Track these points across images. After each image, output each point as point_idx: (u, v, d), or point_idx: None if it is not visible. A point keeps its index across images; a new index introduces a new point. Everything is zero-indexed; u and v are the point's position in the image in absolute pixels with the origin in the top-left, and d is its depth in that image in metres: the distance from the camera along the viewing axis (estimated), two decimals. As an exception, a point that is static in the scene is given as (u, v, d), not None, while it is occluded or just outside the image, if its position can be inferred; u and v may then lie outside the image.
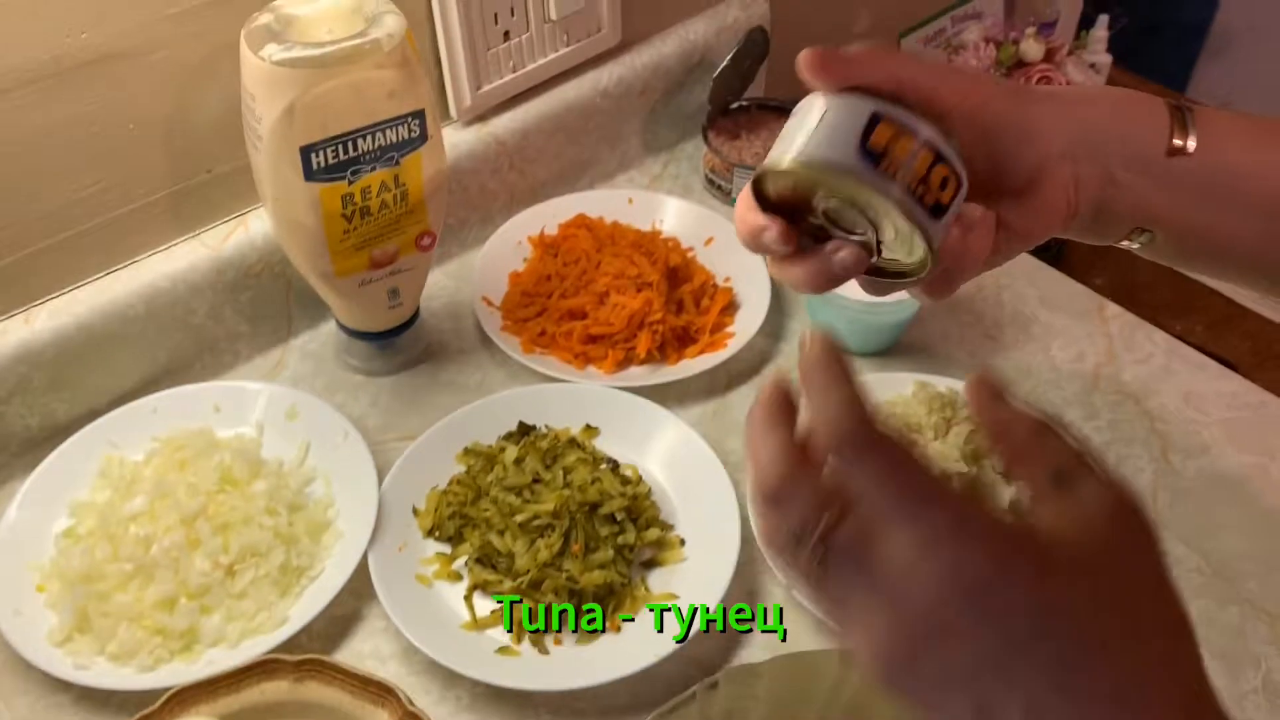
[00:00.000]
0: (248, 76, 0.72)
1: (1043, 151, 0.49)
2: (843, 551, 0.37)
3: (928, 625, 0.36)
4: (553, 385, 0.86)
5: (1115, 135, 0.50)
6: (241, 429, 0.83)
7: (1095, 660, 0.35)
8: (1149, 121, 0.51)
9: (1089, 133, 0.50)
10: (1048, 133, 0.49)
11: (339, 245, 0.78)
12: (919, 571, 0.36)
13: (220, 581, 0.73)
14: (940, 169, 0.45)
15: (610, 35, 1.00)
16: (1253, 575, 0.77)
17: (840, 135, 0.44)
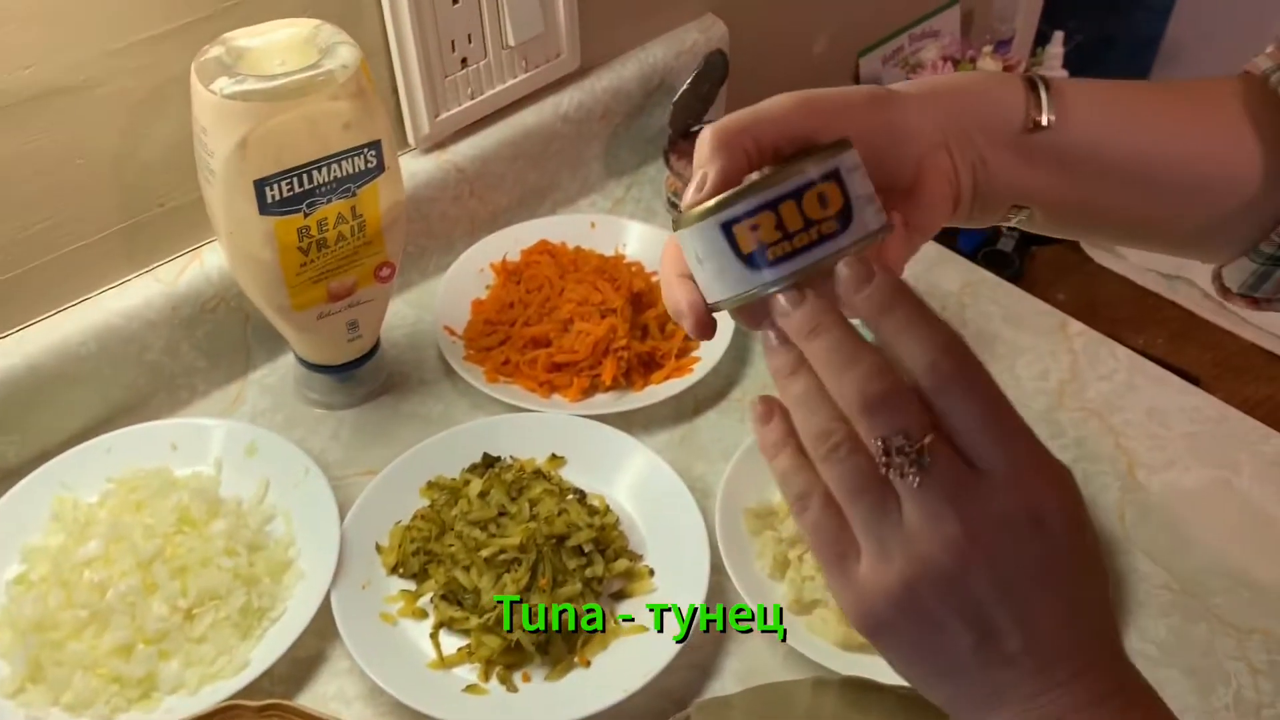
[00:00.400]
0: (199, 110, 0.70)
1: (917, 148, 0.50)
2: (943, 466, 0.39)
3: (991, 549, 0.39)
4: (517, 415, 0.85)
5: (977, 118, 0.51)
6: (199, 467, 0.82)
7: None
8: (1007, 100, 0.51)
9: (953, 120, 0.51)
10: (916, 129, 0.50)
11: (296, 279, 0.77)
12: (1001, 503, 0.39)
13: (179, 626, 0.71)
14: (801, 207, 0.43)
15: (569, 60, 1.00)
16: (1220, 590, 0.77)
17: (720, 266, 0.43)
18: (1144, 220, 0.54)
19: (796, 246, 0.42)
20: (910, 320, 0.40)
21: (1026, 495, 0.39)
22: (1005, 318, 0.97)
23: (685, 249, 0.45)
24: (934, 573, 0.38)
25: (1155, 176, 0.53)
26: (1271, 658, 0.74)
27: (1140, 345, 1.09)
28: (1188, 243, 0.57)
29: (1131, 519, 0.82)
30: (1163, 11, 2.20)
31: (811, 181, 0.42)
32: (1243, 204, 0.53)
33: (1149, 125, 0.53)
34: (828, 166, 0.43)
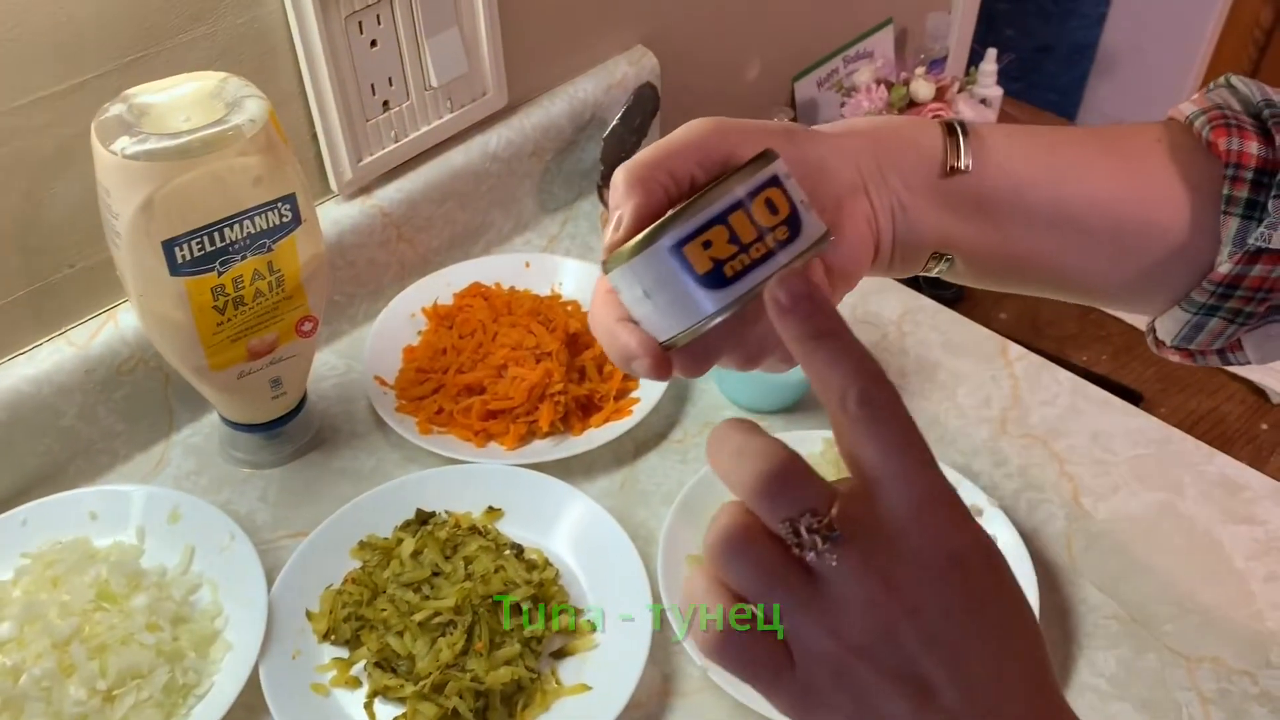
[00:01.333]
0: (101, 171, 0.68)
1: (835, 188, 0.48)
2: (853, 530, 0.36)
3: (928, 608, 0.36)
4: (452, 467, 0.83)
5: (894, 160, 0.49)
6: (120, 536, 0.78)
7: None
8: (925, 143, 0.50)
9: (870, 160, 0.49)
10: (833, 167, 0.48)
11: (212, 338, 0.74)
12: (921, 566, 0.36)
13: (98, 710, 0.68)
14: (751, 216, 0.40)
15: (496, 98, 0.98)
16: (1168, 619, 0.77)
17: (673, 295, 0.40)
18: (1070, 270, 0.53)
19: (754, 258, 0.39)
20: (844, 347, 0.37)
21: (943, 531, 0.36)
22: (945, 345, 0.96)
23: (625, 287, 0.41)
24: (864, 639, 0.36)
25: (1080, 224, 0.51)
26: (1221, 686, 0.73)
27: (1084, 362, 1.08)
28: (1117, 294, 0.55)
29: (1078, 548, 0.81)
30: (1096, 19, 2.22)
31: (757, 188, 0.40)
32: (1171, 252, 0.51)
33: (1073, 171, 0.51)
34: (768, 173, 0.40)
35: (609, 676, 0.71)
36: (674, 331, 0.41)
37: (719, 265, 0.39)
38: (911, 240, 0.51)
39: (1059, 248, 0.51)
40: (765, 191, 0.40)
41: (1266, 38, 2.07)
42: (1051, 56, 2.32)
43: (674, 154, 0.44)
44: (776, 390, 0.89)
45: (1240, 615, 0.77)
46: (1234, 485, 0.85)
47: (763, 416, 0.90)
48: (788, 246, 0.40)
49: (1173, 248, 0.51)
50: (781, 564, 0.36)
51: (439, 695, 0.69)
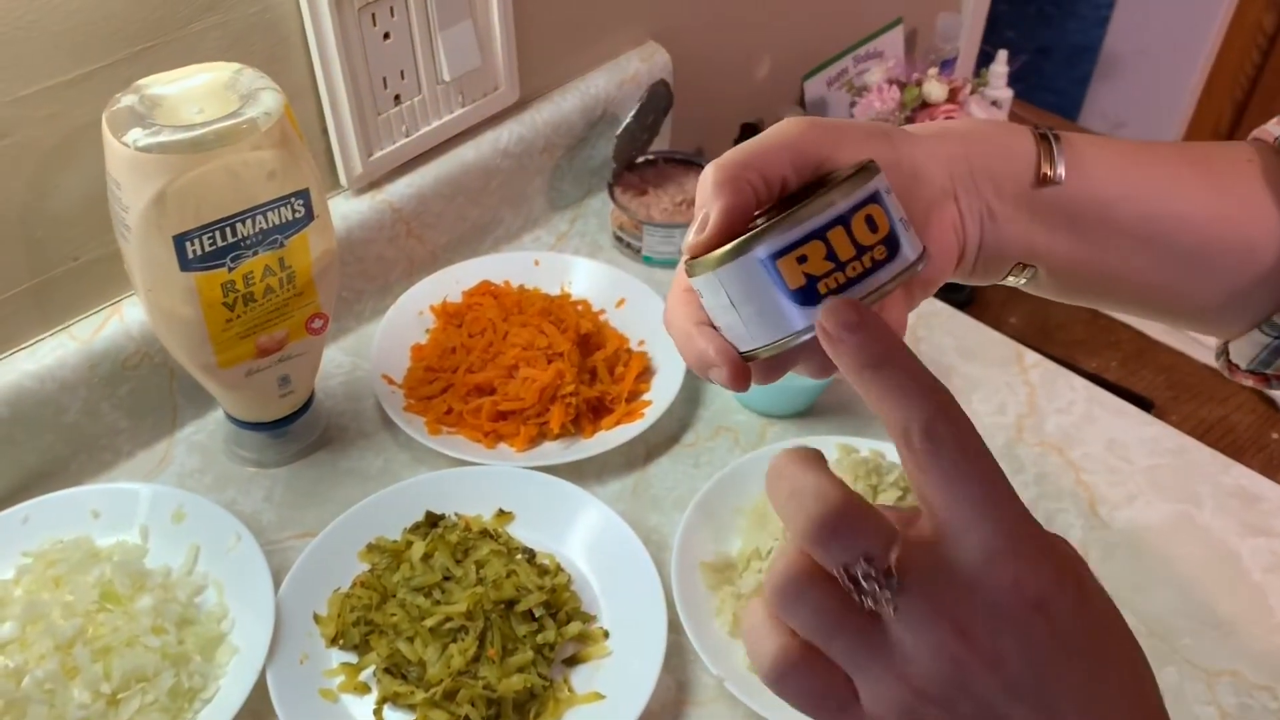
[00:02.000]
0: (111, 163, 0.66)
1: (928, 193, 0.46)
2: (916, 577, 0.34)
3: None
4: (462, 469, 0.81)
5: (986, 166, 0.47)
6: (124, 535, 0.77)
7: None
8: (1018, 150, 0.48)
9: (962, 165, 0.47)
10: (928, 174, 0.46)
11: (221, 335, 0.73)
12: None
13: (101, 713, 0.66)
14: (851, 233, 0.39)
15: (508, 93, 0.96)
16: (1187, 632, 0.76)
17: (761, 307, 0.39)
18: (1155, 288, 0.51)
19: (849, 276, 0.38)
20: (904, 374, 0.35)
21: (1021, 577, 0.34)
22: (960, 350, 0.95)
23: (708, 293, 0.40)
24: (934, 688, 0.34)
25: (1170, 241, 0.49)
26: (1241, 700, 0.72)
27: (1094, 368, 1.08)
28: (1199, 315, 0.52)
29: (1096, 559, 0.80)
30: (1097, 21, 2.22)
31: (858, 204, 0.38)
32: (1260, 274, 0.50)
33: (1164, 187, 0.49)
34: (870, 188, 0.38)
35: (622, 685, 0.70)
36: (759, 344, 0.40)
37: (812, 281, 0.38)
38: (997, 249, 0.49)
39: (1147, 264, 0.50)
40: (866, 208, 0.38)
41: (1270, 43, 2.07)
42: (1051, 59, 2.31)
43: (767, 154, 0.42)
44: (791, 395, 0.88)
45: (1259, 629, 0.76)
46: (1251, 496, 0.84)
47: (777, 421, 0.89)
48: (884, 267, 0.38)
49: (1261, 270, 0.49)
50: (842, 609, 0.35)
51: (450, 703, 0.67)
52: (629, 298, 0.95)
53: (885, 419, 0.36)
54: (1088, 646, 0.34)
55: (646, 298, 0.95)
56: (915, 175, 0.45)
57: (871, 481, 0.76)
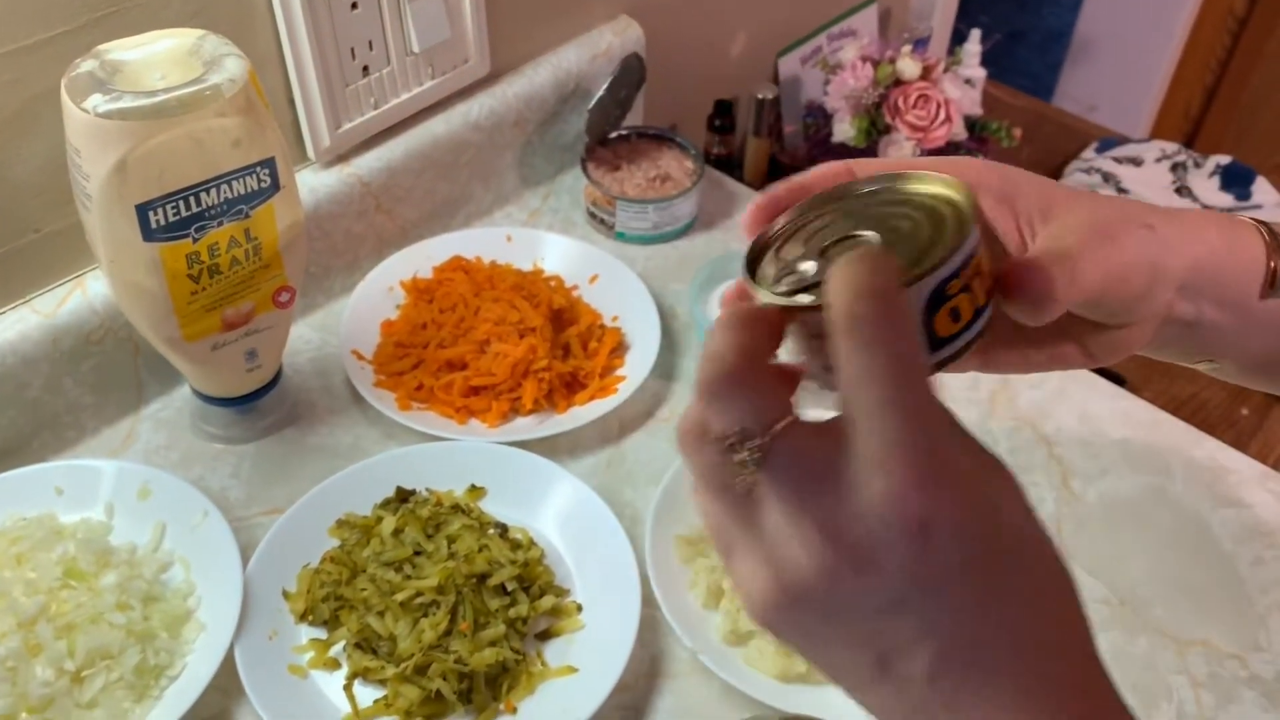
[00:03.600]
0: (71, 130, 0.64)
1: (1164, 292, 0.42)
2: (790, 464, 0.33)
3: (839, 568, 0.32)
4: (433, 444, 0.80)
5: (1217, 274, 0.44)
6: (88, 512, 0.76)
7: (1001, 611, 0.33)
8: (1249, 257, 0.45)
9: (1198, 268, 0.44)
10: (1170, 269, 0.43)
11: (186, 308, 0.71)
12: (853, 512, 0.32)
13: (66, 691, 0.65)
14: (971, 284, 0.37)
15: (478, 66, 0.95)
16: (1158, 602, 0.76)
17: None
18: None
19: (964, 322, 0.36)
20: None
21: (907, 494, 0.31)
22: (934, 325, 0.95)
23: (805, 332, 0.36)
24: (798, 583, 0.33)
25: None
26: (1212, 670, 0.72)
27: (1066, 346, 1.08)
28: None
29: (1068, 531, 0.80)
30: (1070, 5, 2.22)
31: (975, 248, 0.36)
32: None
33: None
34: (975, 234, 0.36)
35: (596, 658, 0.69)
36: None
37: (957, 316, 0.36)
38: (1194, 344, 0.46)
39: None
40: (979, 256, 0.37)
41: (1240, 27, 2.08)
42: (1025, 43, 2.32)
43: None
44: (764, 369, 0.87)
45: (1229, 598, 0.76)
46: (1222, 469, 0.84)
47: (750, 395, 0.88)
48: (981, 314, 0.37)
49: None
50: (723, 475, 0.34)
51: (422, 677, 0.67)
52: (602, 273, 0.95)
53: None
54: (981, 575, 0.32)
55: (620, 274, 0.94)
56: (1159, 271, 0.43)
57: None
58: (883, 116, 1.19)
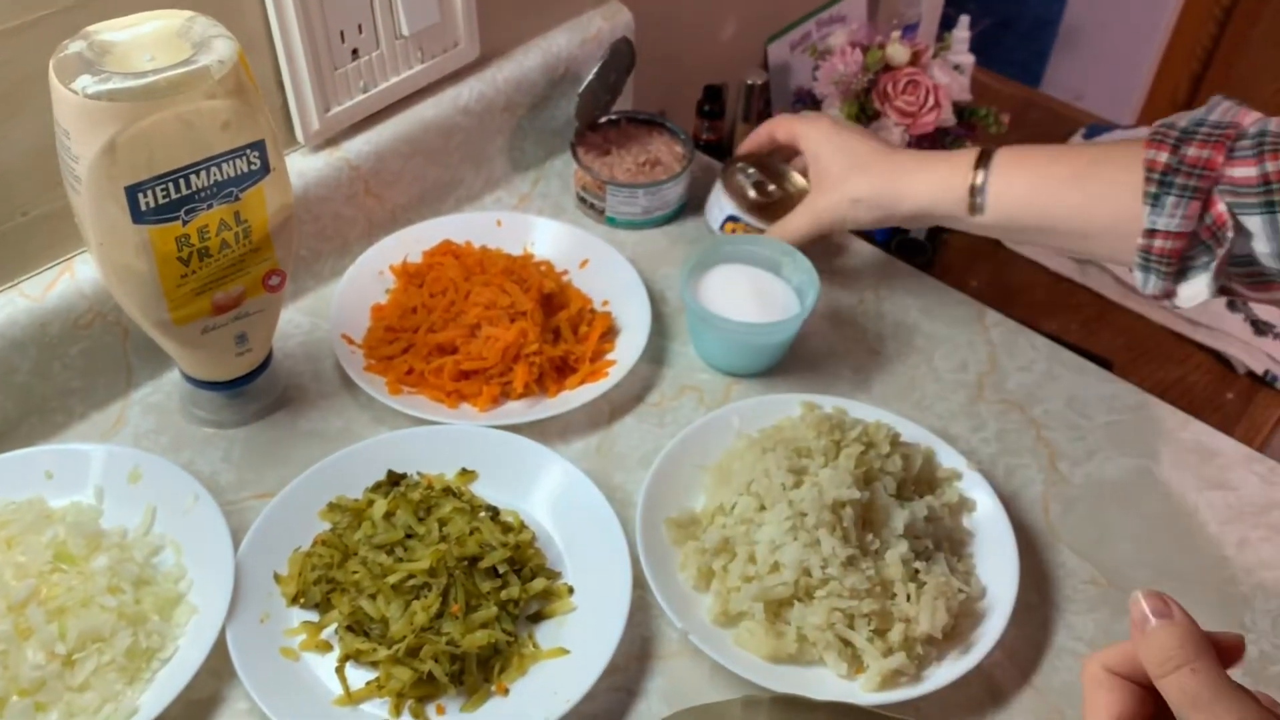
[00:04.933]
0: (60, 112, 0.64)
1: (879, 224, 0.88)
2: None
3: None
4: (423, 428, 0.80)
5: (933, 207, 0.82)
6: (78, 496, 0.75)
7: None
8: (961, 191, 0.80)
9: (917, 209, 0.84)
10: (892, 217, 0.86)
11: (176, 291, 0.71)
12: None
13: (57, 674, 0.65)
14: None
15: (468, 50, 0.95)
16: (1145, 582, 0.76)
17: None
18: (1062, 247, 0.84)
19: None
20: (1212, 686, 0.40)
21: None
22: (922, 309, 0.95)
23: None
24: None
25: (1057, 230, 0.78)
26: (1198, 649, 0.73)
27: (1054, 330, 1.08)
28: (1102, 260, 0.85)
29: (1056, 513, 0.81)
30: (1057, -6, 2.22)
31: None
32: (1125, 242, 0.73)
33: (1050, 199, 0.77)
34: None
35: (587, 640, 0.70)
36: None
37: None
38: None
39: (1048, 241, 0.81)
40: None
41: (1226, 15, 2.09)
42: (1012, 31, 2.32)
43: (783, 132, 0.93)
44: (754, 353, 0.88)
45: (1214, 580, 0.77)
46: (1208, 451, 0.85)
47: (740, 380, 0.88)
48: None
49: (1128, 238, 0.73)
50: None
51: (413, 659, 0.67)
52: (592, 258, 0.95)
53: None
54: None
55: (610, 258, 0.94)
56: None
57: (835, 437, 0.77)
58: (872, 102, 1.19)
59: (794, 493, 0.73)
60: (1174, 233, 0.70)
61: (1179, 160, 0.69)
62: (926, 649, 0.69)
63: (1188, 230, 0.69)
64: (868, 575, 0.70)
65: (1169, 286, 0.72)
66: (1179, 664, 0.41)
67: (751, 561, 0.71)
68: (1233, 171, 0.68)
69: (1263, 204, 0.67)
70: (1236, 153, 0.68)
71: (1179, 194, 0.69)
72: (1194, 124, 0.71)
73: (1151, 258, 0.71)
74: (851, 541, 0.71)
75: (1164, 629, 0.42)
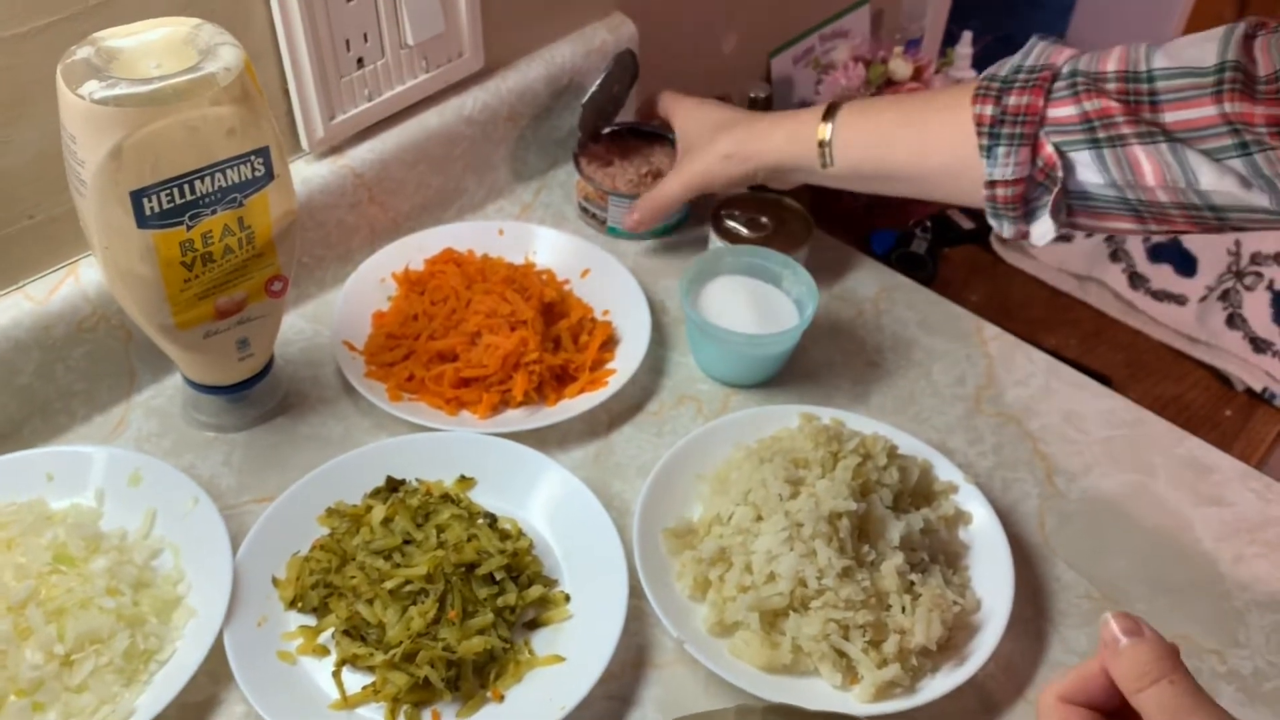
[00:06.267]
0: (67, 116, 0.65)
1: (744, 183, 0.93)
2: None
3: None
4: (423, 435, 0.81)
5: (783, 162, 0.87)
6: (78, 498, 0.76)
7: None
8: (809, 146, 0.84)
9: (774, 164, 0.88)
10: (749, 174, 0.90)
11: (179, 295, 0.72)
12: None
13: (55, 674, 0.65)
14: None
15: (473, 60, 0.96)
16: (1141, 597, 0.77)
17: None
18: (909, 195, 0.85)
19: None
20: (1191, 695, 0.42)
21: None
22: (921, 322, 0.96)
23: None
24: None
25: (899, 176, 0.82)
26: (1192, 665, 0.72)
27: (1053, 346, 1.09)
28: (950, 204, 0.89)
29: (1051, 527, 0.81)
30: (1061, 11, 2.23)
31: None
32: (965, 184, 0.77)
33: (887, 146, 0.81)
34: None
35: (583, 648, 0.70)
36: None
37: None
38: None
39: (893, 190, 0.85)
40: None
41: (1229, 35, 2.09)
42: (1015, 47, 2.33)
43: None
44: (754, 364, 0.88)
45: (1209, 595, 0.77)
46: (1203, 467, 0.85)
47: (739, 390, 0.89)
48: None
49: (968, 179, 0.77)
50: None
51: (410, 664, 0.67)
52: (593, 268, 0.95)
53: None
54: None
55: (611, 268, 0.95)
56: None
57: (832, 449, 0.77)
58: (874, 116, 1.19)
59: (791, 503, 0.73)
60: (1010, 180, 0.73)
61: (1002, 111, 0.73)
62: (921, 661, 0.69)
63: (1023, 175, 0.73)
64: (863, 586, 0.70)
65: (1022, 228, 0.76)
66: (1155, 678, 0.42)
67: (748, 571, 0.72)
68: (1054, 112, 0.72)
69: (1088, 140, 0.71)
70: (1055, 95, 0.72)
71: (1008, 143, 0.73)
72: (1013, 71, 0.75)
73: (999, 206, 0.75)
74: (848, 553, 0.71)
75: (1138, 645, 0.43)
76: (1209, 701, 0.42)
